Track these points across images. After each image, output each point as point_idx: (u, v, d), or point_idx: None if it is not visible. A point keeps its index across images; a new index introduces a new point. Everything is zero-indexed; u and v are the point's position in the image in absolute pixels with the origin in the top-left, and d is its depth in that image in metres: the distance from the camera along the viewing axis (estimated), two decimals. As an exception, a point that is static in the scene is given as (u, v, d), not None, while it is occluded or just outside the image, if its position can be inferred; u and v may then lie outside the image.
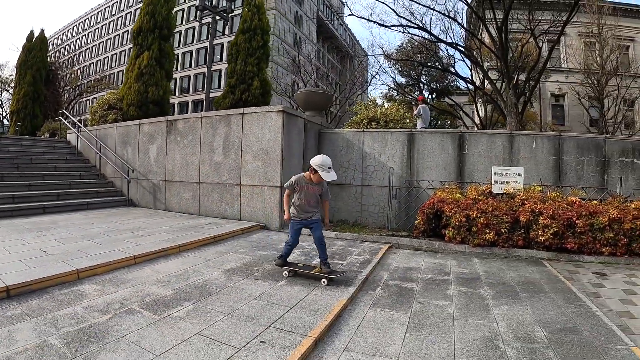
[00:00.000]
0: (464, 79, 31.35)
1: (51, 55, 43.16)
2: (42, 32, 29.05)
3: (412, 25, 23.80)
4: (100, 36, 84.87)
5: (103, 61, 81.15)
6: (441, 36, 26.98)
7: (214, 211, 11.54)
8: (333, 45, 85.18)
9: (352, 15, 27.93)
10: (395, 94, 40.89)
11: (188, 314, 4.43)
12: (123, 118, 16.85)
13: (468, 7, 23.34)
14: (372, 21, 24.18)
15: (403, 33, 35.58)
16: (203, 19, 20.19)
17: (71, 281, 5.38)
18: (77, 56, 71.86)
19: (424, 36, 26.08)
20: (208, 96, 19.11)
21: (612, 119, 28.43)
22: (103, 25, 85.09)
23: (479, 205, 9.03)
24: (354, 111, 15.43)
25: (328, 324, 4.29)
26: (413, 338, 4.20)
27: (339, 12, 49.33)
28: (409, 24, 23.83)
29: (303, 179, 6.12)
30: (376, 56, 36.70)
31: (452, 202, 9.29)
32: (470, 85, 31.10)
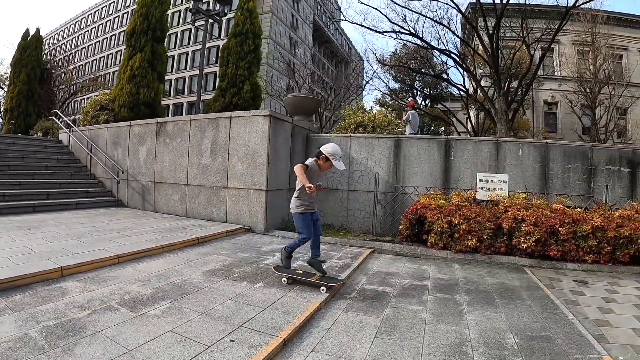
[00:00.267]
0: (456, 86, 31.53)
1: (46, 54, 43.19)
2: (38, 31, 29.12)
3: (405, 31, 24.00)
4: (96, 36, 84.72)
5: (98, 61, 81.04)
6: (435, 43, 27.07)
7: (201, 213, 11.61)
8: (329, 49, 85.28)
9: (346, 20, 28.02)
10: (388, 100, 41.05)
11: (164, 312, 4.55)
12: (115, 119, 16.90)
13: (461, 15, 23.44)
14: (365, 27, 24.33)
15: (396, 39, 35.71)
16: (196, 22, 20.21)
17: (55, 278, 5.48)
18: (72, 55, 71.89)
19: (417, 42, 26.30)
20: (200, 99, 19.18)
21: (604, 127, 28.66)
22: (99, 24, 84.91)
23: (462, 211, 9.11)
24: (343, 116, 15.53)
25: (298, 326, 4.38)
26: (381, 342, 4.27)
27: (333, 17, 49.43)
28: (402, 30, 24.03)
29: (315, 165, 5.91)
30: (370, 62, 36.74)
31: (435, 208, 9.37)
32: (462, 92, 31.25)
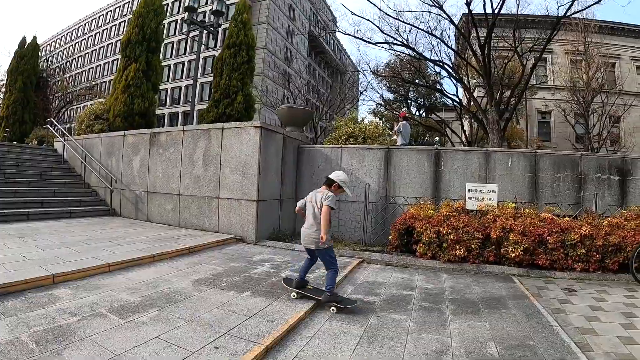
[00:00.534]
0: (449, 97, 31.71)
1: (42, 61, 43.37)
2: (35, 39, 29.34)
3: (397, 42, 24.21)
4: (93, 44, 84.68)
5: (95, 69, 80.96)
6: (428, 53, 27.23)
7: (193, 223, 11.69)
8: (324, 59, 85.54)
9: (339, 32, 28.19)
10: (383, 110, 41.26)
11: (151, 319, 4.66)
12: (109, 129, 17.01)
13: (454, 26, 23.63)
14: (358, 38, 24.53)
15: (389, 50, 35.89)
16: (191, 33, 20.40)
17: (47, 285, 5.59)
18: (69, 63, 72.03)
19: (409, 53, 26.46)
20: (194, 109, 19.33)
21: (598, 136, 28.90)
22: (96, 33, 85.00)
23: (450, 221, 9.19)
24: (334, 127, 15.70)
25: (281, 334, 4.49)
26: (363, 350, 4.34)
27: (327, 28, 49.60)
28: (394, 42, 24.25)
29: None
30: (364, 72, 36.92)
31: (424, 219, 9.46)
32: (456, 102, 31.46)
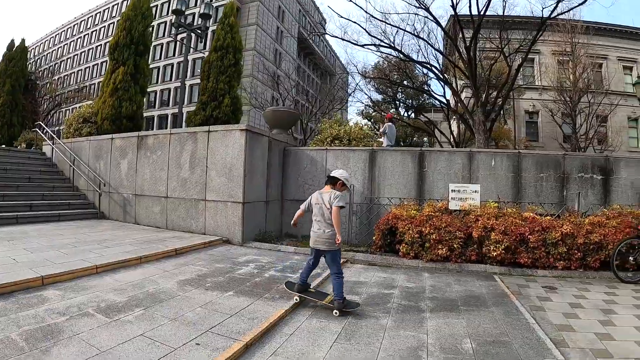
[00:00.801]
0: (436, 98, 31.90)
1: (31, 64, 43.20)
2: (23, 42, 29.18)
3: (384, 44, 24.40)
4: (82, 46, 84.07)
5: (84, 71, 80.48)
6: (416, 55, 27.43)
7: (180, 225, 11.80)
8: (313, 61, 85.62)
9: (327, 34, 28.35)
10: (371, 111, 41.40)
11: (137, 318, 4.83)
12: (97, 132, 17.07)
13: (440, 28, 23.81)
14: (345, 40, 24.73)
15: (376, 52, 36.05)
16: (179, 35, 20.46)
17: (36, 287, 5.74)
18: (57, 66, 71.65)
19: (396, 55, 26.63)
20: (182, 111, 19.41)
21: (585, 135, 29.19)
22: (85, 35, 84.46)
23: (433, 221, 9.34)
24: (319, 129, 15.85)
25: (261, 331, 4.66)
26: (340, 346, 4.48)
27: (315, 31, 49.64)
28: (381, 44, 24.42)
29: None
30: (352, 74, 37.08)
31: (406, 219, 9.61)
32: (443, 103, 31.65)
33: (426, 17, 23.27)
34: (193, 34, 19.80)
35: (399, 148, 13.55)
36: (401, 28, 24.04)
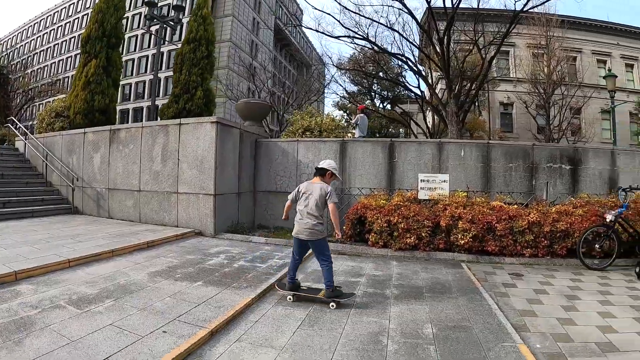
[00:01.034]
0: (411, 90, 32.10)
1: (2, 58, 42.53)
2: (-7, 36, 28.87)
3: (358, 36, 24.50)
4: (55, 38, 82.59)
5: (58, 64, 79.00)
6: (393, 47, 27.54)
7: (154, 218, 11.84)
8: (290, 52, 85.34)
9: (301, 26, 28.36)
10: (347, 103, 41.48)
11: (107, 309, 4.97)
12: (70, 126, 16.95)
13: (414, 20, 23.95)
14: (319, 32, 24.83)
15: (351, 44, 36.09)
16: (152, 27, 20.36)
17: (10, 282, 5.86)
18: (30, 59, 70.42)
19: (369, 46, 26.75)
20: (154, 104, 19.36)
21: (558, 127, 29.65)
22: (59, 26, 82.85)
23: (401, 211, 9.49)
24: (291, 121, 15.92)
25: (227, 318, 4.82)
26: (303, 332, 4.65)
27: (288, 24, 49.40)
28: (355, 35, 24.52)
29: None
30: (327, 66, 37.10)
31: (375, 209, 9.76)
32: (418, 95, 31.85)
33: (401, 10, 23.40)
34: (166, 26, 19.74)
35: (370, 139, 13.68)
36: (374, 20, 24.32)
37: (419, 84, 33.08)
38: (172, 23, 18.93)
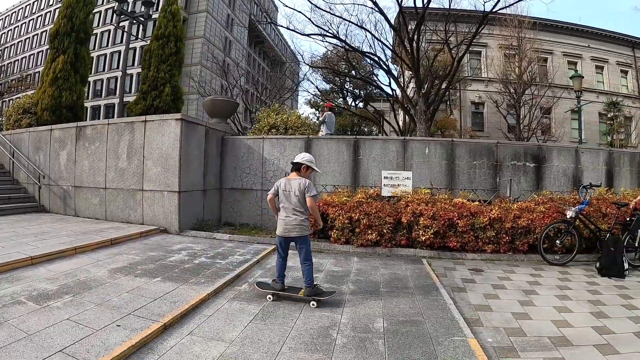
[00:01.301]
0: (381, 88, 32.26)
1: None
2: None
3: (328, 34, 24.60)
4: (27, 32, 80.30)
5: (28, 59, 77.38)
6: (366, 46, 27.67)
7: (119, 216, 11.83)
8: (264, 50, 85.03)
9: (272, 23, 28.37)
10: (319, 101, 41.52)
11: (65, 304, 5.09)
12: (37, 123, 16.84)
13: (385, 19, 24.07)
14: (290, 29, 24.84)
15: (322, 42, 36.09)
16: (122, 23, 20.24)
17: (-28, 279, 5.94)
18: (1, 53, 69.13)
19: (339, 44, 26.82)
20: (122, 100, 19.28)
21: (528, 126, 30.21)
22: (31, 20, 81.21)
23: (363, 207, 9.67)
24: (258, 118, 16.01)
25: (181, 313, 4.97)
26: (254, 326, 4.79)
27: (266, 19, 49.31)
28: (326, 33, 24.62)
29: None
30: (299, 64, 37.20)
31: (337, 205, 9.95)
32: (387, 93, 32.03)
33: (373, 9, 23.49)
34: (136, 22, 19.63)
35: (335, 136, 13.80)
36: (344, 18, 24.20)
37: (390, 83, 33.24)
38: (142, 19, 18.82)
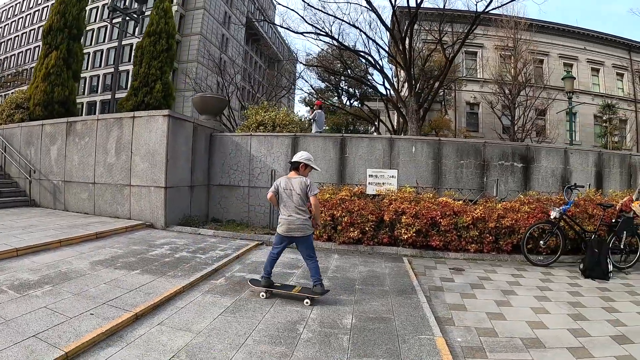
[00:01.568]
0: (375, 88, 32.40)
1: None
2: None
3: (321, 33, 24.76)
4: (24, 26, 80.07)
5: (25, 53, 77.17)
6: (360, 45, 27.76)
7: (107, 211, 11.96)
8: (260, 47, 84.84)
9: (265, 21, 28.47)
10: (313, 99, 41.56)
11: (44, 293, 5.28)
12: (30, 118, 16.93)
13: (377, 17, 24.15)
14: (283, 27, 25.01)
15: (316, 41, 36.12)
16: (115, 20, 20.35)
17: (-42, 270, 6.11)
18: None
19: (332, 43, 26.91)
20: (114, 96, 19.41)
21: (522, 127, 30.21)
22: (28, 14, 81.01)
23: (346, 205, 9.74)
24: (246, 115, 16.08)
25: (154, 304, 5.15)
26: (224, 318, 4.93)
27: (259, 17, 49.24)
28: (319, 32, 24.76)
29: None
30: (293, 62, 37.23)
31: (319, 202, 10.07)
32: (381, 92, 32.12)
33: (366, 7, 23.59)
34: (129, 19, 19.73)
35: (322, 134, 13.93)
36: (337, 17, 24.30)
37: (384, 82, 33.34)
38: (135, 15, 18.94)
